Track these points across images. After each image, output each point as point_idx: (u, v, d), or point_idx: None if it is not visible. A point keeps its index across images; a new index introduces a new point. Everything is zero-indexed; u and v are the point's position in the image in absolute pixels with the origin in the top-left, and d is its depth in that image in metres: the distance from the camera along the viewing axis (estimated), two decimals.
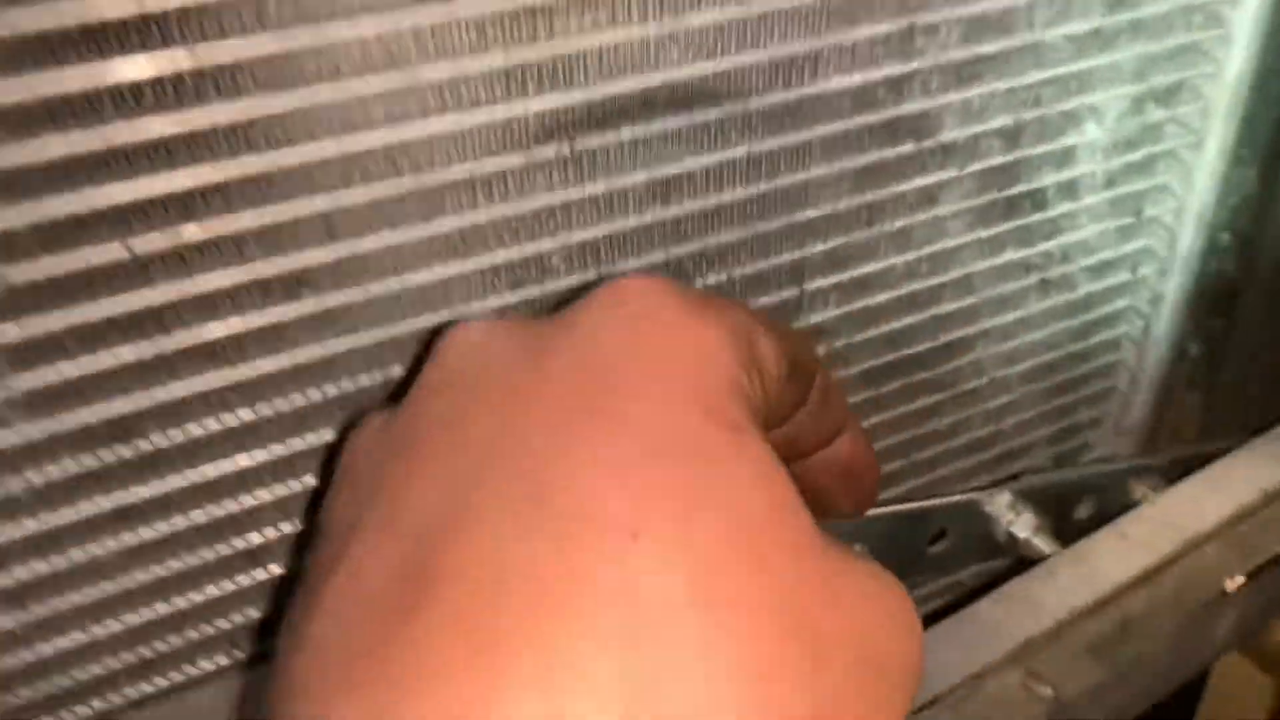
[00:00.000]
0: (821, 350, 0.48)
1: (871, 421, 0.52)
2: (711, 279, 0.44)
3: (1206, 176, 0.53)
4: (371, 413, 0.32)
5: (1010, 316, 0.53)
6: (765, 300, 0.45)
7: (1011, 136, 0.47)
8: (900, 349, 0.51)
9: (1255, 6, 0.49)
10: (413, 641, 0.23)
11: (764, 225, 0.43)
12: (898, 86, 0.43)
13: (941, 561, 0.46)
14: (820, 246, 0.45)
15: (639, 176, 0.39)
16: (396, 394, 0.39)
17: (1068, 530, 0.50)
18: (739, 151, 0.41)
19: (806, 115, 0.42)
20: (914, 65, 0.42)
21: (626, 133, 0.38)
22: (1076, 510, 0.50)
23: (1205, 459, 0.53)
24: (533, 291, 0.40)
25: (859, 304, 0.48)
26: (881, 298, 0.49)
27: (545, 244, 0.39)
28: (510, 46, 0.35)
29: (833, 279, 0.47)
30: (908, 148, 0.44)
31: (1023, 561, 0.47)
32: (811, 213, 0.44)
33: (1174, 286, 0.56)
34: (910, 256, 0.48)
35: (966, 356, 0.53)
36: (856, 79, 0.41)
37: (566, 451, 0.25)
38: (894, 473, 0.55)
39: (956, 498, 0.46)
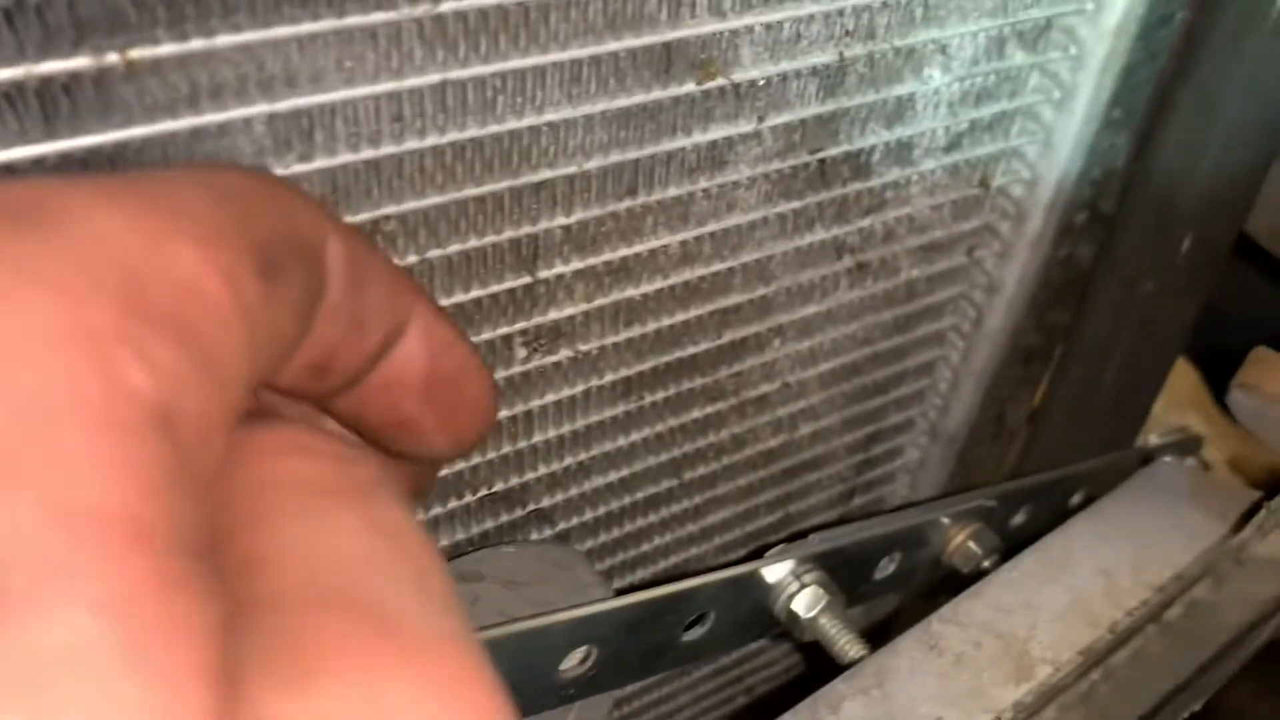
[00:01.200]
0: (564, 355, 0.35)
1: (630, 438, 0.40)
2: (411, 258, 0.30)
3: (1070, 142, 0.42)
4: None
5: (813, 309, 0.41)
6: (480, 292, 0.32)
7: (831, 79, 0.34)
8: (671, 351, 0.38)
9: None
10: None
11: (473, 188, 0.30)
12: (675, 1, 0.29)
13: (698, 648, 0.35)
14: (560, 220, 0.32)
15: (254, 107, 0.25)
16: None
17: (866, 590, 0.40)
18: (428, 78, 0.27)
19: (535, 30, 0.28)
20: None
21: (225, 37, 0.23)
22: (878, 567, 0.39)
23: (1035, 492, 0.43)
24: None
25: (616, 296, 0.35)
26: (647, 288, 0.36)
27: None
28: None
29: (577, 264, 0.33)
30: (688, 88, 0.31)
31: (804, 646, 0.36)
32: (547, 173, 0.30)
33: (1015, 274, 0.45)
34: (688, 234, 0.35)
35: (756, 358, 0.41)
36: None
37: None
38: (660, 495, 0.43)
39: (727, 573, 0.34)
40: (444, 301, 0.32)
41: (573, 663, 0.31)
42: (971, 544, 0.40)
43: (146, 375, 0.14)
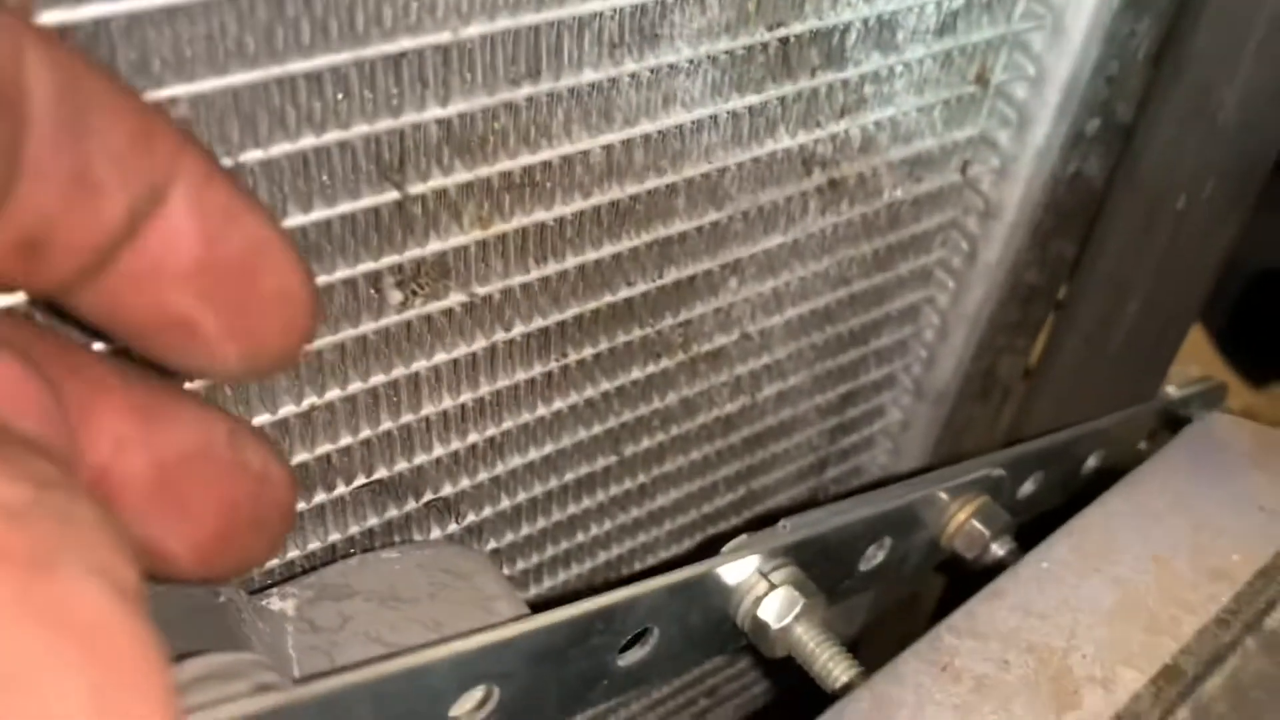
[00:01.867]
0: (454, 300, 0.27)
1: (554, 406, 0.32)
2: (225, 162, 0.21)
3: (1083, 26, 0.34)
4: None
5: (777, 239, 0.33)
6: (328, 212, 0.23)
7: None
8: (601, 295, 0.30)
9: None
10: None
11: (301, 62, 0.21)
12: None
13: (638, 674, 0.27)
14: (434, 111, 0.24)
15: None
16: None
17: (849, 586, 0.32)
18: None
19: None
20: None
21: None
22: (864, 557, 0.31)
23: (1048, 456, 0.36)
24: None
25: (520, 221, 0.27)
26: (561, 210, 0.27)
27: None
28: None
29: (465, 175, 0.25)
30: None
31: (774, 664, 0.28)
32: (408, 42, 0.22)
33: (1016, 195, 0.38)
34: (612, 138, 0.27)
35: (708, 303, 0.33)
36: None
37: None
38: (596, 475, 0.35)
39: (675, 576, 0.26)
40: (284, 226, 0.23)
41: (467, 707, 0.23)
42: (976, 523, 0.33)
43: None
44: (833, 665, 0.26)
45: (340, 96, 0.22)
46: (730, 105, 0.28)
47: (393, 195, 0.24)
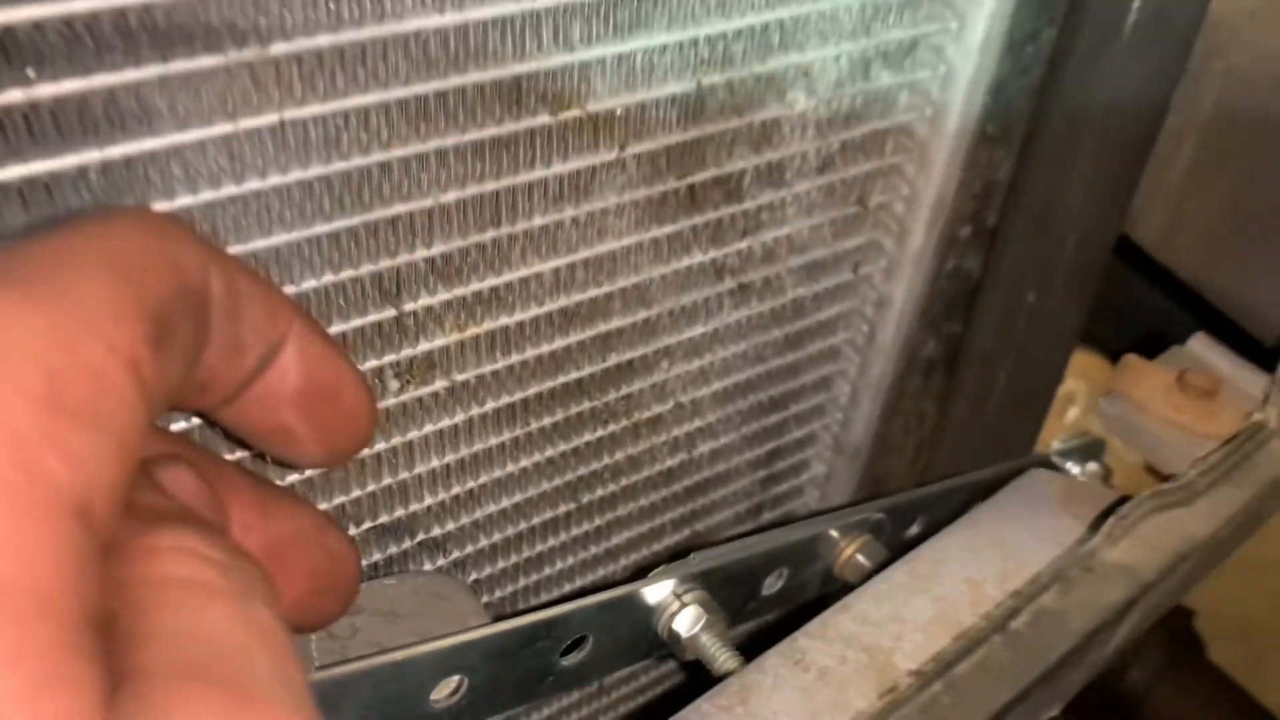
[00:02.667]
0: (440, 385, 0.36)
1: (521, 464, 0.40)
2: None
3: (946, 158, 0.42)
4: None
5: (699, 330, 0.41)
6: (343, 326, 0.32)
7: (691, 107, 0.34)
8: (555, 376, 0.39)
9: None
10: None
11: (324, 225, 0.30)
12: (519, 33, 0.29)
13: (579, 673, 0.35)
14: (421, 252, 0.32)
15: (86, 154, 0.25)
16: None
17: (754, 608, 0.40)
18: (266, 118, 0.27)
19: (374, 68, 0.28)
20: (541, 3, 0.29)
21: (46, 87, 0.24)
22: (764, 584, 0.39)
23: (929, 503, 0.44)
24: None
25: (489, 325, 0.35)
26: (522, 315, 0.36)
27: None
28: None
29: (444, 295, 0.34)
30: (542, 119, 0.32)
31: (686, 664, 0.36)
32: (400, 207, 0.31)
33: (902, 288, 0.46)
34: (559, 263, 0.35)
35: (645, 380, 0.42)
36: (449, 19, 0.28)
37: None
38: (558, 519, 0.44)
39: (603, 595, 0.34)
40: None
41: (444, 693, 0.31)
42: (860, 557, 0.41)
43: (64, 465, 0.17)
44: (726, 661, 0.34)
45: (353, 246, 0.31)
46: (651, 234, 0.37)
47: (391, 313, 0.33)
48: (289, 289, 0.30)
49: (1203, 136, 0.45)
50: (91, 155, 0.25)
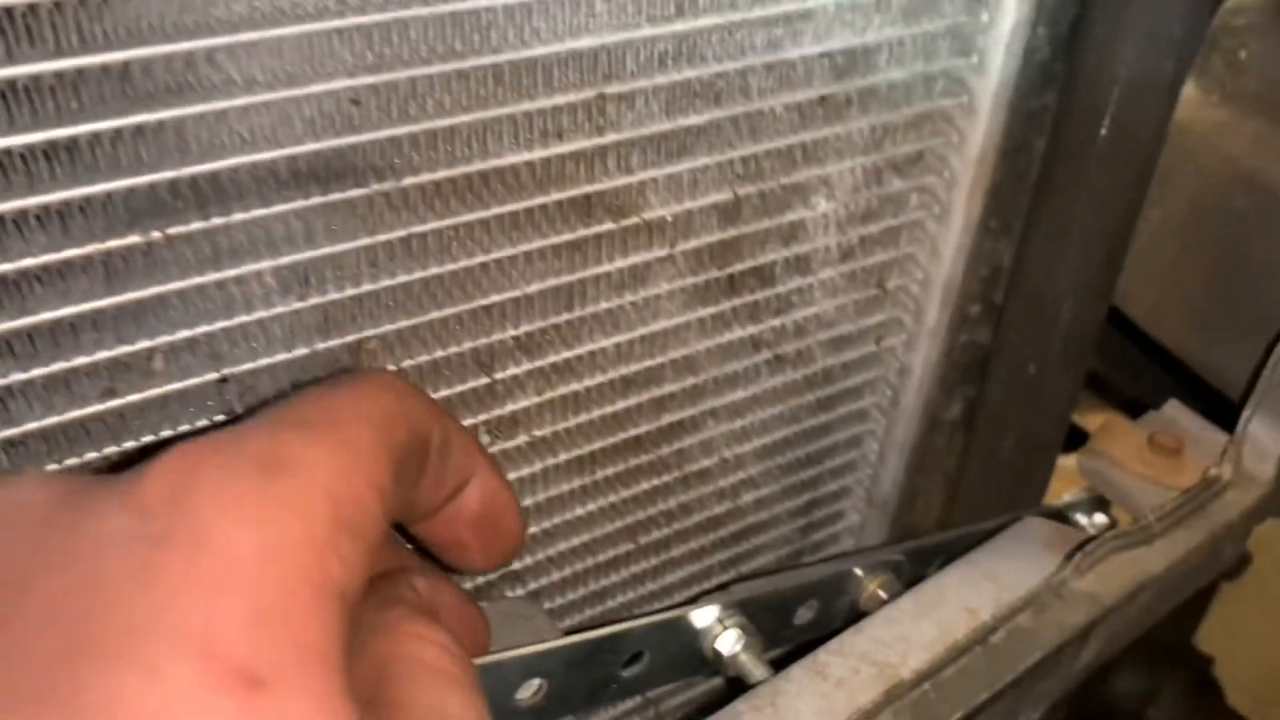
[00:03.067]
0: (521, 439, 0.43)
1: (588, 507, 0.47)
2: (391, 367, 0.38)
3: (953, 249, 0.49)
4: None
5: (740, 394, 0.49)
6: (447, 392, 0.40)
7: (729, 212, 0.42)
8: (616, 433, 0.46)
9: (998, 73, 0.45)
10: None
11: (437, 312, 0.38)
12: (590, 161, 0.37)
13: (637, 684, 0.42)
14: (511, 332, 0.40)
15: (261, 264, 0.33)
16: None
17: (788, 635, 0.47)
18: (395, 233, 0.35)
19: (480, 192, 0.36)
20: (609, 138, 0.37)
21: (240, 215, 0.32)
22: (797, 613, 0.46)
23: (946, 548, 0.50)
24: (131, 398, 0.33)
25: (563, 389, 0.43)
26: (590, 383, 0.43)
27: (141, 343, 0.32)
28: (58, 121, 0.28)
29: (528, 365, 0.41)
30: (607, 226, 0.39)
31: (729, 680, 0.43)
32: (496, 297, 0.39)
33: (921, 358, 0.53)
34: (620, 339, 0.43)
35: (693, 436, 0.49)
36: (538, 153, 0.36)
37: None
38: (619, 557, 0.51)
39: (658, 617, 0.41)
40: None
41: (527, 694, 0.38)
42: (881, 592, 0.47)
43: (340, 566, 0.24)
44: (759, 674, 0.41)
45: (458, 328, 0.39)
46: (697, 314, 0.44)
47: (486, 380, 0.40)
48: (408, 362, 0.38)
49: (1183, 227, 0.51)
50: (265, 264, 0.33)
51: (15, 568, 0.23)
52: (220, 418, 0.35)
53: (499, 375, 0.41)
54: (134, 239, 0.30)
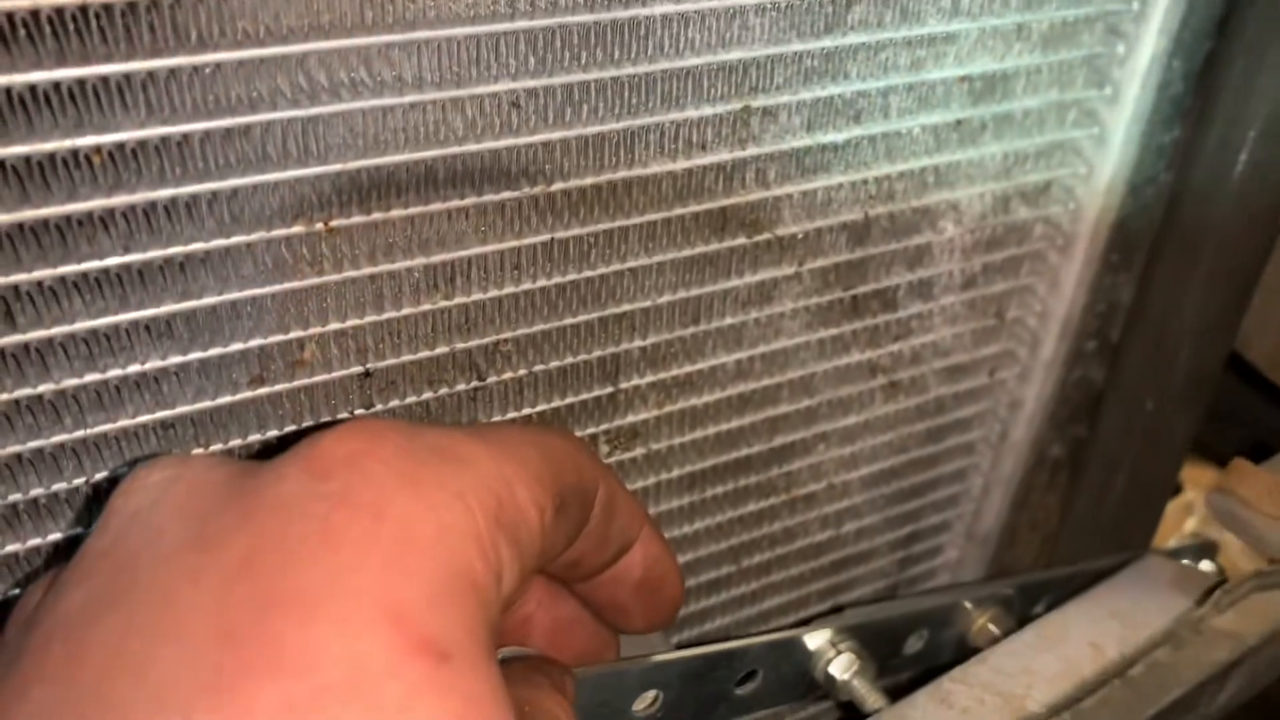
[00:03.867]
0: (638, 452, 0.43)
1: (695, 526, 0.47)
2: (508, 375, 0.38)
3: (1074, 281, 0.49)
4: (36, 582, 0.27)
5: (853, 419, 0.48)
6: (573, 399, 0.40)
7: (858, 232, 0.42)
8: (729, 452, 0.46)
9: (1131, 105, 0.45)
10: None
11: (572, 318, 0.38)
12: (730, 175, 0.37)
13: (749, 702, 0.41)
14: (638, 343, 0.40)
15: (413, 261, 0.34)
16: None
17: (896, 664, 0.46)
18: (539, 238, 0.35)
19: (622, 201, 0.36)
20: (749, 152, 0.37)
21: (398, 211, 0.32)
22: (907, 642, 0.45)
23: (1055, 585, 0.49)
24: (279, 386, 0.34)
25: (682, 404, 0.43)
26: (708, 398, 0.43)
27: (294, 332, 0.33)
28: (249, 109, 0.28)
29: (651, 377, 0.41)
30: (740, 241, 0.39)
31: (841, 705, 0.42)
32: (627, 306, 0.39)
33: (1034, 392, 0.52)
34: (741, 355, 0.43)
35: (803, 460, 0.48)
36: (681, 164, 0.36)
37: (192, 702, 0.20)
38: (720, 579, 0.50)
39: (773, 636, 0.41)
40: (544, 407, 0.40)
41: (643, 704, 0.38)
42: (991, 626, 0.46)
43: (496, 566, 0.25)
44: (874, 702, 0.40)
45: (589, 336, 0.39)
46: (818, 335, 0.44)
47: (610, 389, 0.41)
48: (539, 367, 0.38)
49: None
50: (417, 261, 0.34)
51: (203, 528, 0.23)
52: (360, 411, 0.35)
53: (623, 385, 0.41)
54: (298, 229, 0.31)
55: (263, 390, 0.33)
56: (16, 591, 0.33)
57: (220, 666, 0.20)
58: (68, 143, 0.27)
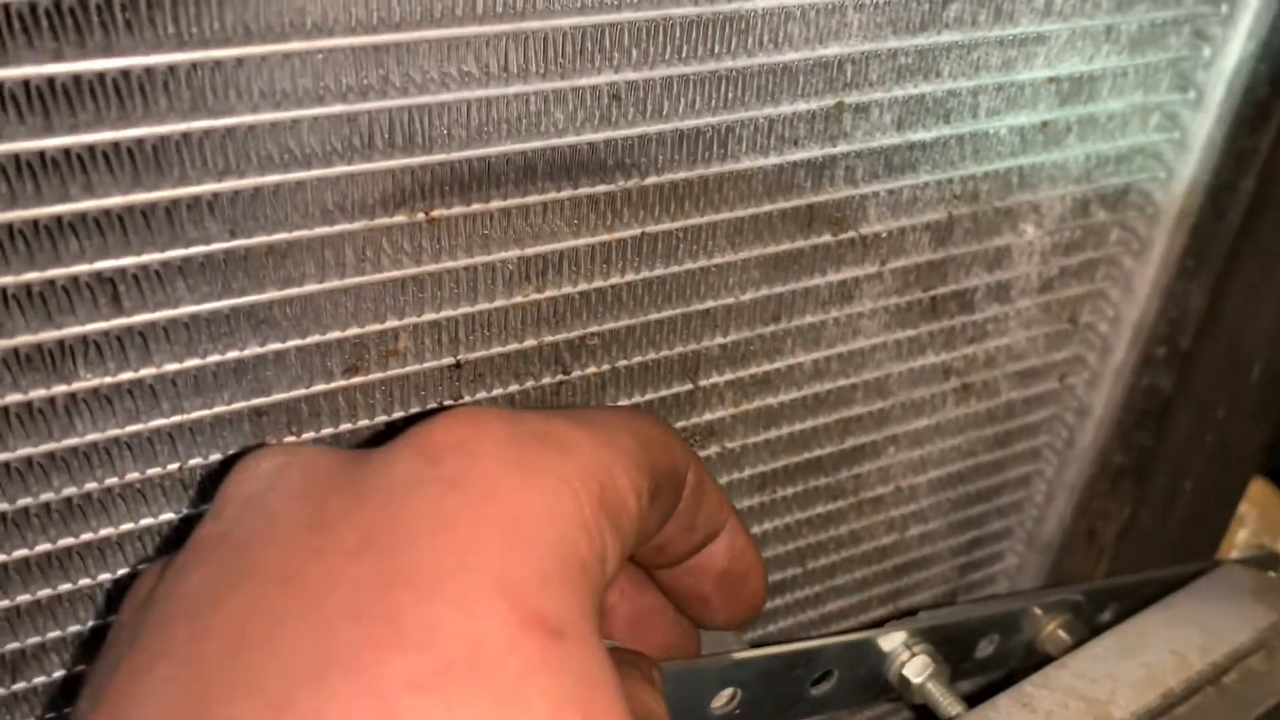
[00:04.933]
0: (713, 450, 0.43)
1: (763, 527, 0.47)
2: (591, 369, 0.38)
3: (1148, 286, 0.49)
4: (152, 564, 0.28)
5: (924, 422, 0.48)
6: (653, 396, 0.40)
7: (941, 232, 0.42)
8: (801, 453, 0.46)
9: (1215, 110, 0.44)
10: None
11: (656, 314, 0.38)
12: (820, 171, 0.37)
13: (823, 703, 0.41)
14: (719, 340, 0.40)
15: (507, 253, 0.33)
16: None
17: (967, 668, 0.46)
18: (630, 232, 0.35)
19: (713, 196, 0.36)
20: (840, 149, 0.37)
21: (496, 203, 0.32)
22: (978, 646, 0.45)
23: (1121, 593, 0.49)
24: (372, 376, 0.34)
25: (758, 403, 0.43)
26: (784, 397, 0.43)
27: (391, 322, 0.33)
28: (354, 96, 0.28)
29: (730, 375, 0.41)
30: (825, 239, 0.39)
31: (913, 707, 0.42)
32: (712, 303, 0.39)
33: (1102, 399, 0.52)
34: (819, 355, 0.43)
35: (873, 462, 0.48)
36: (773, 160, 0.36)
37: (322, 674, 0.20)
38: (786, 581, 0.50)
39: (848, 637, 0.40)
40: (624, 402, 0.40)
41: (721, 701, 0.38)
42: (1061, 632, 0.46)
43: (600, 549, 0.25)
44: (950, 706, 0.40)
45: (671, 333, 0.39)
46: (895, 336, 0.44)
47: (689, 386, 0.40)
48: (621, 362, 0.38)
49: None
50: (512, 253, 0.34)
51: (319, 510, 0.23)
52: (448, 402, 0.35)
53: (702, 383, 0.41)
54: (400, 219, 0.31)
55: (357, 379, 0.33)
56: (107, 575, 0.33)
57: (347, 641, 0.20)
58: (182, 126, 0.27)
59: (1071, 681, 0.38)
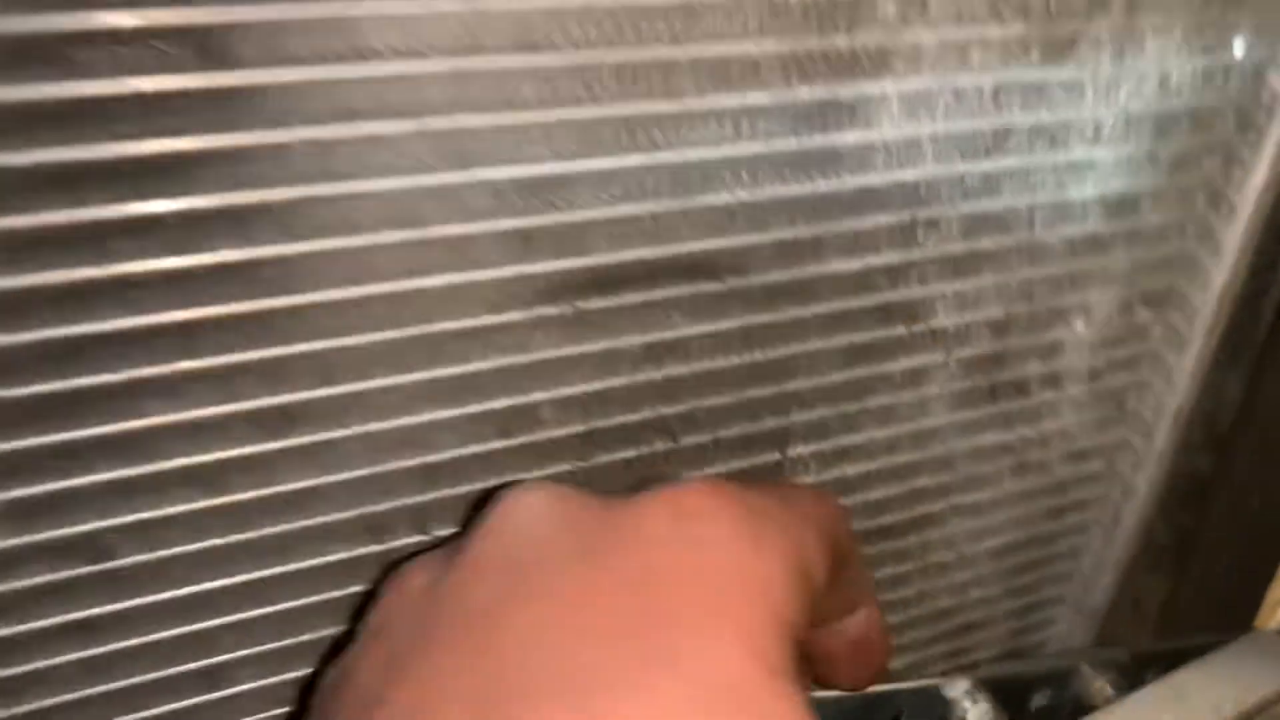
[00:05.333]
0: None
1: None
2: (696, 439, 0.44)
3: (1187, 378, 0.54)
4: (413, 565, 0.33)
5: (984, 495, 0.53)
6: (746, 463, 0.46)
7: (1000, 327, 0.48)
8: (874, 518, 0.51)
9: (1246, 223, 0.50)
10: None
11: (754, 392, 0.44)
12: (896, 274, 0.44)
13: None
14: (806, 416, 0.46)
15: (635, 339, 0.40)
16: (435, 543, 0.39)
17: (1022, 718, 0.50)
18: (735, 323, 0.42)
19: (805, 294, 0.42)
20: (914, 255, 0.43)
21: (629, 298, 0.39)
22: (1033, 699, 0.49)
23: (1164, 656, 0.53)
24: (518, 440, 0.40)
25: (836, 472, 0.48)
26: (860, 468, 0.49)
27: (537, 395, 0.39)
28: (524, 214, 0.35)
29: (814, 447, 0.47)
30: (899, 331, 0.45)
31: None
32: (801, 384, 0.45)
33: (1146, 479, 0.57)
34: (892, 432, 0.48)
35: (938, 530, 0.53)
36: (857, 264, 0.42)
37: (611, 684, 0.25)
38: None
39: (920, 682, 0.45)
40: (711, 471, 0.46)
41: None
42: (1108, 688, 0.50)
43: (798, 611, 0.29)
44: None
45: (762, 410, 0.45)
46: (959, 416, 0.50)
47: (777, 456, 0.46)
48: (723, 433, 0.44)
49: None
50: (635, 339, 0.40)
51: (587, 546, 0.29)
52: (580, 464, 0.42)
53: (789, 453, 0.47)
54: (553, 310, 0.38)
55: (509, 442, 0.40)
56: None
57: (628, 660, 0.25)
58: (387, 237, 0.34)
59: None
